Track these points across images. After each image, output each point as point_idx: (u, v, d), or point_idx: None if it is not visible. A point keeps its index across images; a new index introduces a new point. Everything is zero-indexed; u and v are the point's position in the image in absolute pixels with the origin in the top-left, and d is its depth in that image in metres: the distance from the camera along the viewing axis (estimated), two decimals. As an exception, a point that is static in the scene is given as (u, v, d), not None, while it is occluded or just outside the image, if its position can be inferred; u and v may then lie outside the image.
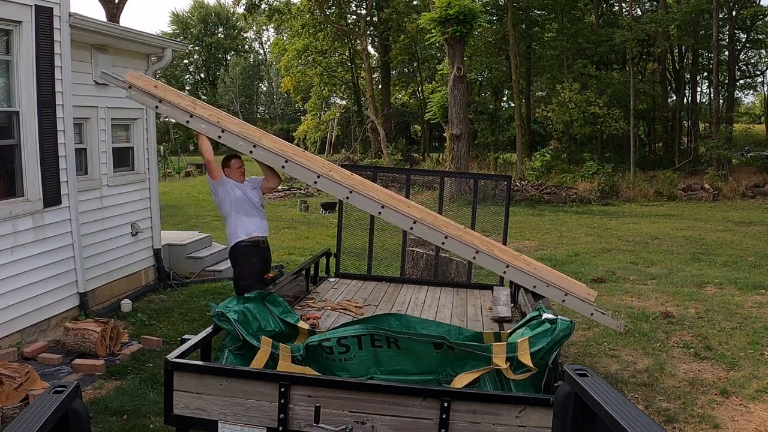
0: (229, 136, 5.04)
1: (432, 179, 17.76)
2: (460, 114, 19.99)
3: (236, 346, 3.59)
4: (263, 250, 5.76)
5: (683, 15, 25.56)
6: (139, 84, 5.07)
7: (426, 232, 5.08)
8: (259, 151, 5.08)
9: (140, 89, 5.06)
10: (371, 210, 5.17)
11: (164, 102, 5.05)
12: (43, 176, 6.52)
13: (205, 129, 5.06)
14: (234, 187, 5.59)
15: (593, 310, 5.04)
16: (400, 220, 5.07)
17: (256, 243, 5.64)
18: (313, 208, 18.67)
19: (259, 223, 5.70)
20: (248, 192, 5.66)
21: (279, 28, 35.88)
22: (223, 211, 5.70)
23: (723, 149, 23.53)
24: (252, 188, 5.72)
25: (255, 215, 5.66)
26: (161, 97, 5.06)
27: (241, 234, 5.59)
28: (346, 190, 5.05)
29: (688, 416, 5.04)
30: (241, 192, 5.60)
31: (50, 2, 6.49)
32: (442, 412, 3.00)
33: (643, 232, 14.54)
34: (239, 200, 5.57)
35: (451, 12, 19.04)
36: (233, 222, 5.61)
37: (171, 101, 5.06)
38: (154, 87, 5.11)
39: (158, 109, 5.19)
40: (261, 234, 5.69)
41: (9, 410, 4.71)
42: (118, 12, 24.16)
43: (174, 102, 5.06)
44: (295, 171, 5.14)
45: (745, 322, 7.46)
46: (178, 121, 5.34)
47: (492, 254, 5.04)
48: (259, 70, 58.50)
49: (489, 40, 31.14)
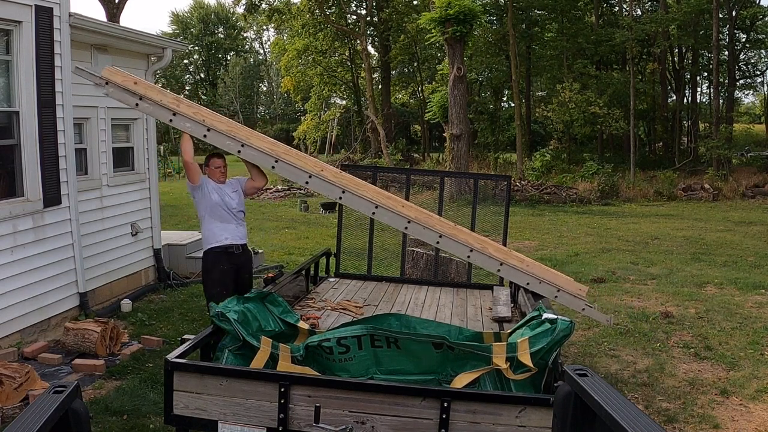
0: (215, 135, 4.80)
1: (432, 179, 17.77)
2: (460, 114, 19.99)
3: (236, 346, 3.59)
4: (237, 256, 5.53)
5: (683, 15, 25.56)
6: (116, 80, 4.77)
7: (421, 232, 5.01)
8: (247, 151, 4.86)
9: (118, 86, 4.77)
10: (365, 210, 5.02)
11: (145, 99, 4.77)
12: (43, 176, 6.52)
13: (190, 128, 4.82)
14: (211, 191, 5.40)
15: (584, 305, 5.10)
16: (394, 220, 4.97)
17: (229, 250, 5.46)
18: (313, 208, 18.67)
19: (234, 231, 5.49)
20: (227, 196, 5.46)
21: (279, 28, 35.88)
22: (198, 215, 5.55)
23: (723, 149, 23.53)
24: (233, 191, 5.53)
25: (230, 221, 5.46)
26: (141, 94, 4.77)
27: (212, 241, 5.44)
28: (339, 189, 4.90)
29: (688, 416, 5.04)
30: (218, 197, 5.41)
31: (50, 2, 6.49)
32: (442, 412, 3.00)
33: (643, 232, 14.54)
34: (214, 205, 5.40)
35: (451, 12, 19.04)
36: (206, 228, 5.46)
37: (152, 98, 4.78)
38: (133, 83, 4.80)
39: (138, 107, 4.86)
40: (234, 242, 5.49)
41: (9, 410, 4.71)
42: (118, 12, 24.17)
43: (156, 99, 4.78)
44: (286, 171, 4.94)
45: (745, 322, 7.46)
46: (160, 120, 5.09)
47: (486, 252, 5.03)
48: (259, 70, 58.50)
49: (489, 40, 31.15)
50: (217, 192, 5.44)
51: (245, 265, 5.73)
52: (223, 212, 5.44)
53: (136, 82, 4.83)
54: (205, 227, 5.50)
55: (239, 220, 5.58)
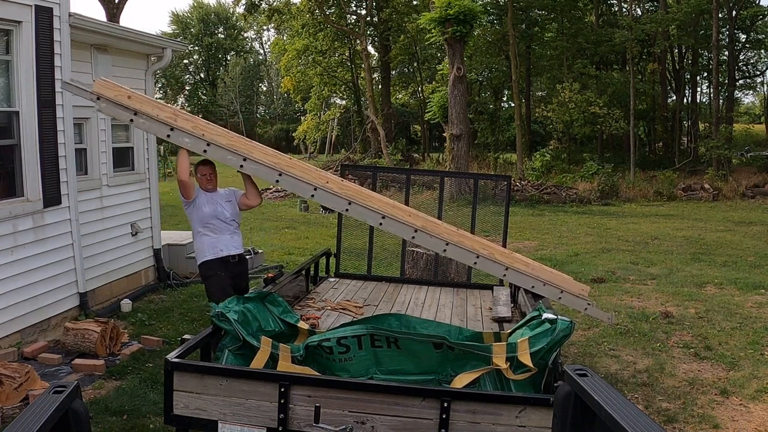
0: (216, 149, 4.59)
1: (432, 179, 17.75)
2: (460, 114, 19.99)
3: (236, 346, 3.59)
4: (233, 265, 5.47)
5: (683, 15, 25.57)
6: (109, 95, 4.48)
7: (427, 241, 4.91)
8: (249, 165, 4.65)
9: (111, 101, 4.50)
10: (372, 221, 4.92)
11: (140, 114, 4.51)
12: (43, 176, 6.51)
13: (189, 143, 4.59)
14: (204, 204, 5.33)
15: (587, 305, 5.12)
16: (401, 230, 4.87)
17: (224, 260, 5.40)
18: (313, 208, 18.67)
19: (229, 241, 5.43)
20: (219, 206, 5.38)
21: (279, 28, 35.88)
22: (192, 228, 5.47)
23: (723, 149, 23.53)
24: (226, 200, 5.44)
25: (224, 232, 5.39)
26: (136, 108, 4.51)
27: (207, 253, 5.38)
28: (345, 201, 4.77)
29: (688, 416, 5.04)
30: (210, 209, 5.34)
31: (50, 2, 6.49)
32: (442, 412, 3.00)
33: (643, 232, 14.54)
34: (207, 216, 5.32)
35: (451, 12, 19.04)
36: (199, 240, 5.39)
37: (148, 113, 4.51)
38: (127, 98, 4.50)
39: (134, 123, 4.58)
40: (230, 252, 5.44)
41: (9, 410, 4.71)
42: (118, 12, 24.17)
43: (151, 114, 4.52)
44: (290, 185, 4.73)
45: (745, 322, 7.46)
46: (158, 136, 4.84)
47: (492, 258, 4.98)
48: (259, 70, 58.49)
49: (489, 40, 31.14)
50: (209, 203, 5.35)
51: (242, 274, 5.67)
52: (216, 222, 5.36)
53: (130, 96, 4.56)
54: (198, 240, 5.41)
55: (233, 230, 5.48)
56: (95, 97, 4.53)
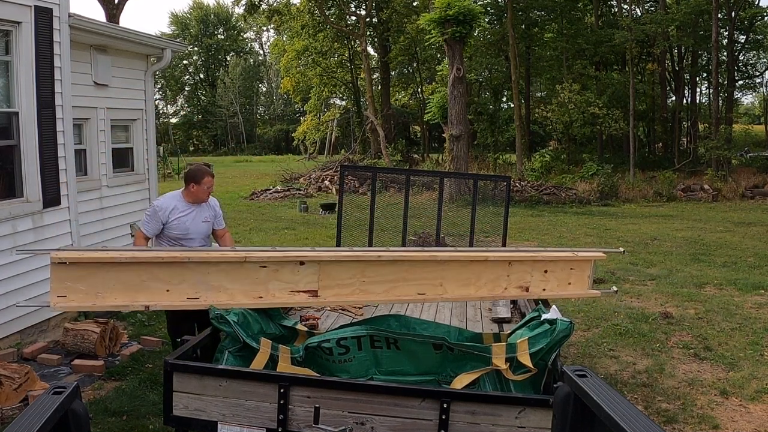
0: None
1: (431, 180, 17.78)
2: (459, 115, 20.00)
3: (236, 348, 3.59)
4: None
5: (683, 16, 25.58)
6: (70, 304, 3.51)
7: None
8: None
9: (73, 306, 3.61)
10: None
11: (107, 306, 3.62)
12: (43, 177, 6.51)
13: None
14: (174, 227, 4.93)
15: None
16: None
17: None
18: (312, 208, 18.67)
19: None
20: (200, 219, 5.04)
21: (279, 28, 35.91)
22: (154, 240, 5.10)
23: (722, 150, 23.55)
24: (204, 220, 5.09)
25: (194, 242, 5.02)
26: (100, 305, 3.61)
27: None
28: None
29: (687, 417, 5.04)
30: (183, 228, 4.94)
31: (50, 3, 6.49)
32: (442, 412, 3.00)
33: (642, 232, 14.54)
34: (175, 237, 4.97)
35: (450, 13, 19.06)
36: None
37: (117, 304, 3.61)
38: (94, 296, 3.50)
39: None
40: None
41: (8, 411, 4.71)
42: (118, 12, 24.15)
43: (120, 304, 3.63)
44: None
45: (744, 322, 7.46)
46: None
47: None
48: (259, 70, 58.53)
49: (489, 40, 31.15)
50: (185, 221, 4.98)
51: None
52: (186, 240, 5.00)
53: (97, 294, 3.51)
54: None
55: (203, 241, 5.15)
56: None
